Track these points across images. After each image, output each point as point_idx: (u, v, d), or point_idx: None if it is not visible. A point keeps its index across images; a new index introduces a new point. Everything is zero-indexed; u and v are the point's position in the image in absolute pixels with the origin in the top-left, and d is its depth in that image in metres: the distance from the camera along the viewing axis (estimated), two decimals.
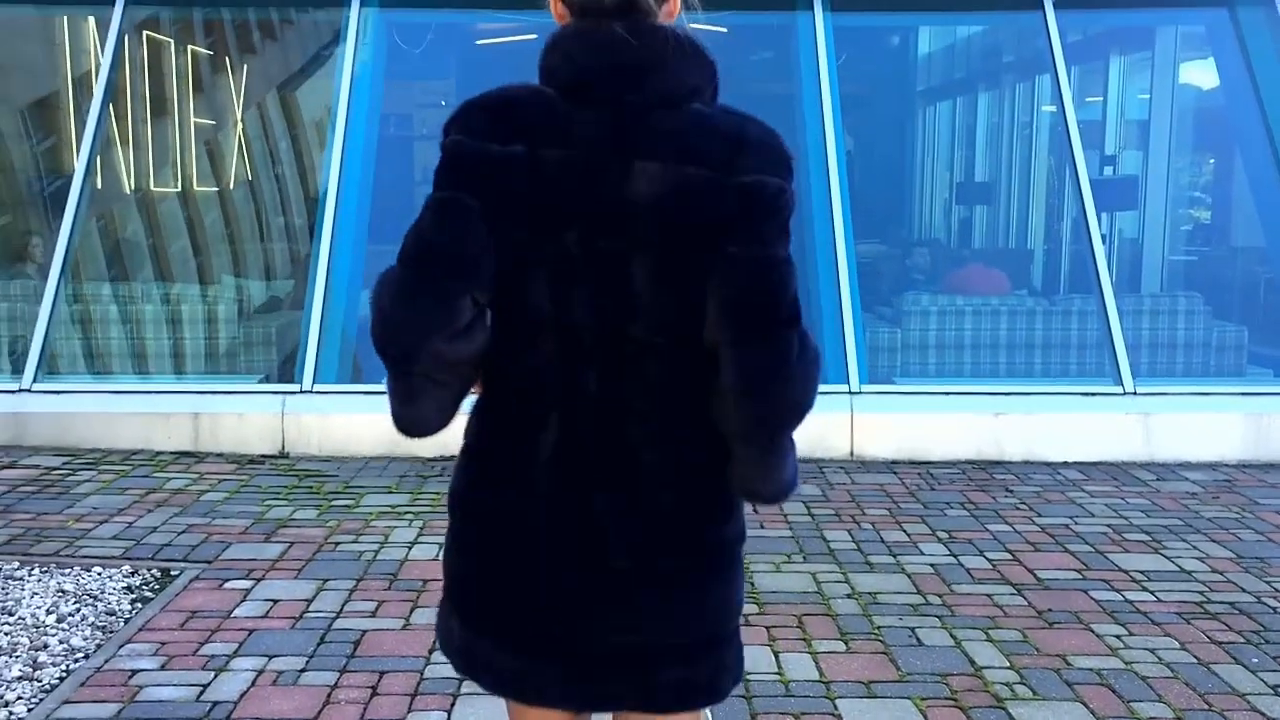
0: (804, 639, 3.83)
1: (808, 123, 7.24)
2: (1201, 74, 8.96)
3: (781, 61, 8.12)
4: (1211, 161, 9.54)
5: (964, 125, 10.71)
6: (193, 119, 8.46)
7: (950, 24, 9.90)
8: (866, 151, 9.97)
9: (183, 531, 4.85)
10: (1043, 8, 7.27)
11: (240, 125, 8.51)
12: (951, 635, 3.89)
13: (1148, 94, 9.15)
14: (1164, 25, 8.68)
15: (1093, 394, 6.47)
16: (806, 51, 7.28)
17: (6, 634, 3.78)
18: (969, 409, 6.36)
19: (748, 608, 4.03)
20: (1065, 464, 6.17)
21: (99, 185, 7.37)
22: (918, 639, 3.86)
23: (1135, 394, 6.40)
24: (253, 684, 3.45)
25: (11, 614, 3.95)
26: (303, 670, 3.55)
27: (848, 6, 7.35)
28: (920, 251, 8.46)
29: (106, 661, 3.58)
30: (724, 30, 8.81)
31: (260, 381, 6.73)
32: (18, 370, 6.49)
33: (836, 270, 6.70)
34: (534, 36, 8.44)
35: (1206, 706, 3.40)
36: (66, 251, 6.69)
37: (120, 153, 7.74)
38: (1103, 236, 8.39)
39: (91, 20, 7.87)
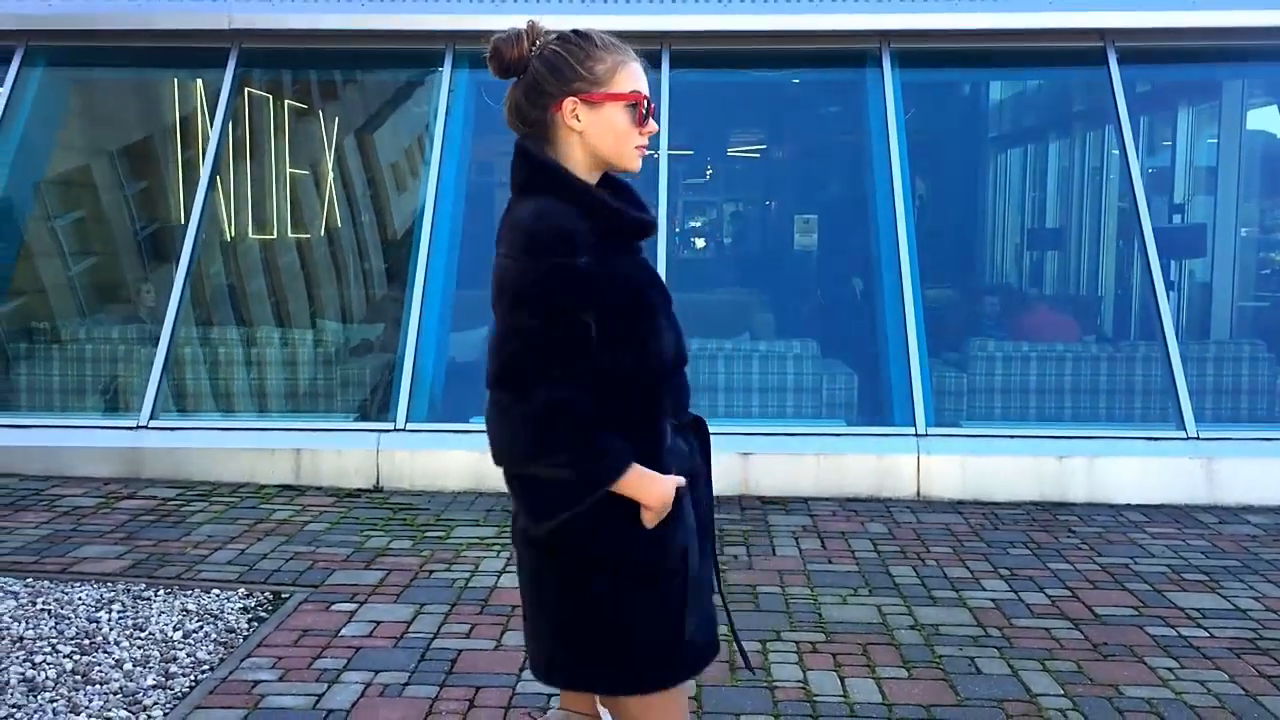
0: (868, 665, 4.09)
1: (876, 173, 7.54)
2: (1269, 122, 9.09)
3: (852, 115, 8.43)
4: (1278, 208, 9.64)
5: (1030, 175, 10.92)
6: (294, 172, 9.00)
7: (1015, 79, 10.15)
8: (934, 201, 10.23)
9: (290, 558, 5.24)
10: (1107, 63, 7.50)
11: (337, 178, 9.03)
12: (1009, 665, 4.12)
13: (1215, 140, 9.30)
14: (1230, 77, 8.85)
15: (1156, 439, 6.63)
16: (875, 106, 7.59)
17: (140, 647, 4.17)
18: (1034, 452, 6.56)
19: (813, 635, 4.31)
20: (1128, 506, 6.34)
21: (208, 235, 7.89)
22: (977, 668, 4.09)
23: (1198, 439, 6.55)
24: (362, 695, 3.79)
25: (142, 630, 4.35)
26: (406, 684, 3.89)
27: (914, 64, 7.65)
28: (986, 297, 8.68)
29: (231, 673, 3.96)
30: (797, 82, 9.21)
31: (356, 420, 7.16)
32: (134, 408, 6.98)
33: (904, 315, 6.96)
34: None
35: None
36: (181, 297, 7.19)
37: (227, 204, 8.27)
38: (1171, 283, 8.55)
39: (199, 82, 8.44)
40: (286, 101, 8.64)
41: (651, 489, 2.15)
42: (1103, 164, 9.67)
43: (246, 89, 8.09)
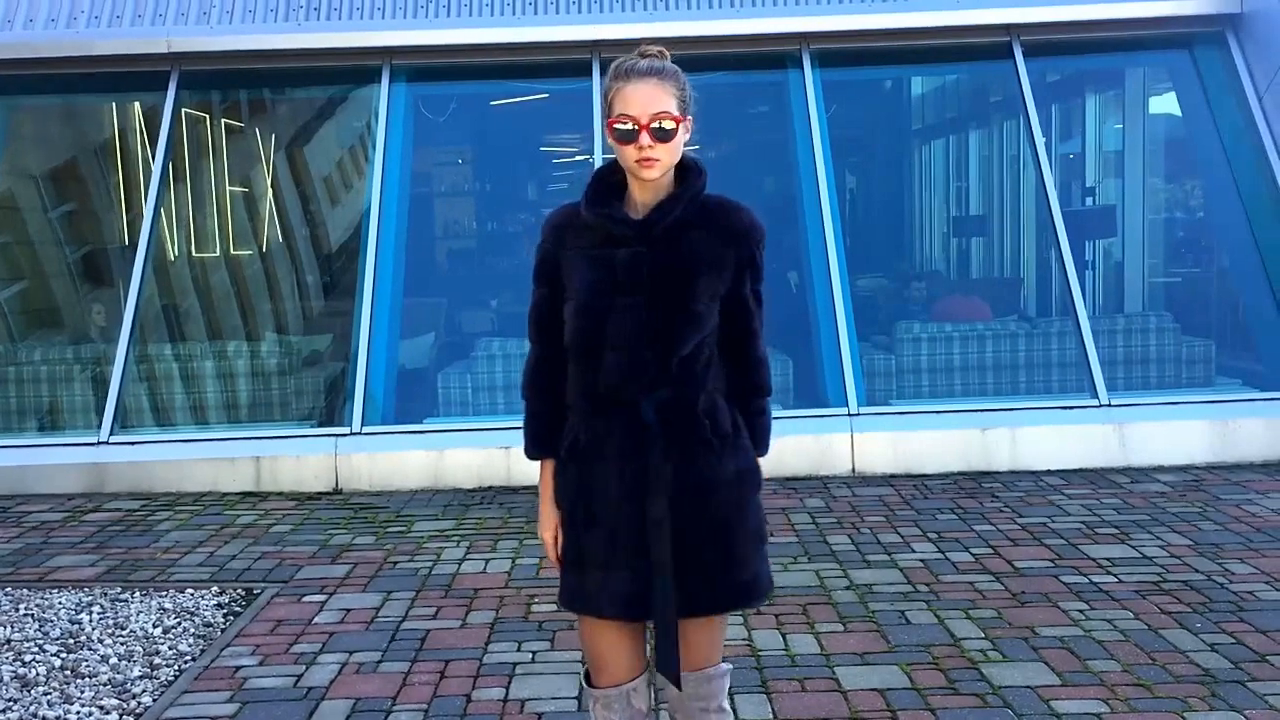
0: (807, 623, 4.43)
1: (802, 169, 7.91)
2: (1168, 108, 9.61)
3: (776, 114, 8.81)
4: (1181, 188, 10.17)
5: (947, 166, 11.41)
6: (239, 190, 9.20)
7: (929, 75, 10.61)
8: (858, 193, 10.67)
9: (259, 558, 5.49)
10: (1013, 56, 7.93)
11: (282, 193, 9.24)
12: (936, 615, 4.48)
13: (1120, 126, 9.82)
14: (1131, 66, 9.35)
15: (1071, 408, 7.06)
16: (798, 105, 7.97)
17: (123, 643, 4.41)
18: (959, 426, 6.96)
19: None
20: (1048, 472, 6.76)
21: (158, 253, 8.08)
22: (906, 619, 4.45)
23: (1110, 405, 6.99)
24: (339, 673, 4.07)
25: (124, 628, 4.58)
26: (379, 662, 4.16)
27: (833, 64, 8.03)
28: (911, 282, 9.09)
29: (212, 661, 4.21)
30: (723, 85, 9.56)
31: (313, 426, 7.39)
32: (94, 425, 7.16)
33: (833, 302, 7.33)
34: (545, 96, 9.17)
35: (1151, 661, 3.98)
36: (134, 314, 7.38)
37: (175, 223, 8.46)
38: (1086, 262, 9.03)
39: (141, 106, 8.63)
40: (228, 121, 8.85)
41: (540, 497, 2.62)
42: (1016, 152, 10.15)
43: (188, 111, 8.28)
